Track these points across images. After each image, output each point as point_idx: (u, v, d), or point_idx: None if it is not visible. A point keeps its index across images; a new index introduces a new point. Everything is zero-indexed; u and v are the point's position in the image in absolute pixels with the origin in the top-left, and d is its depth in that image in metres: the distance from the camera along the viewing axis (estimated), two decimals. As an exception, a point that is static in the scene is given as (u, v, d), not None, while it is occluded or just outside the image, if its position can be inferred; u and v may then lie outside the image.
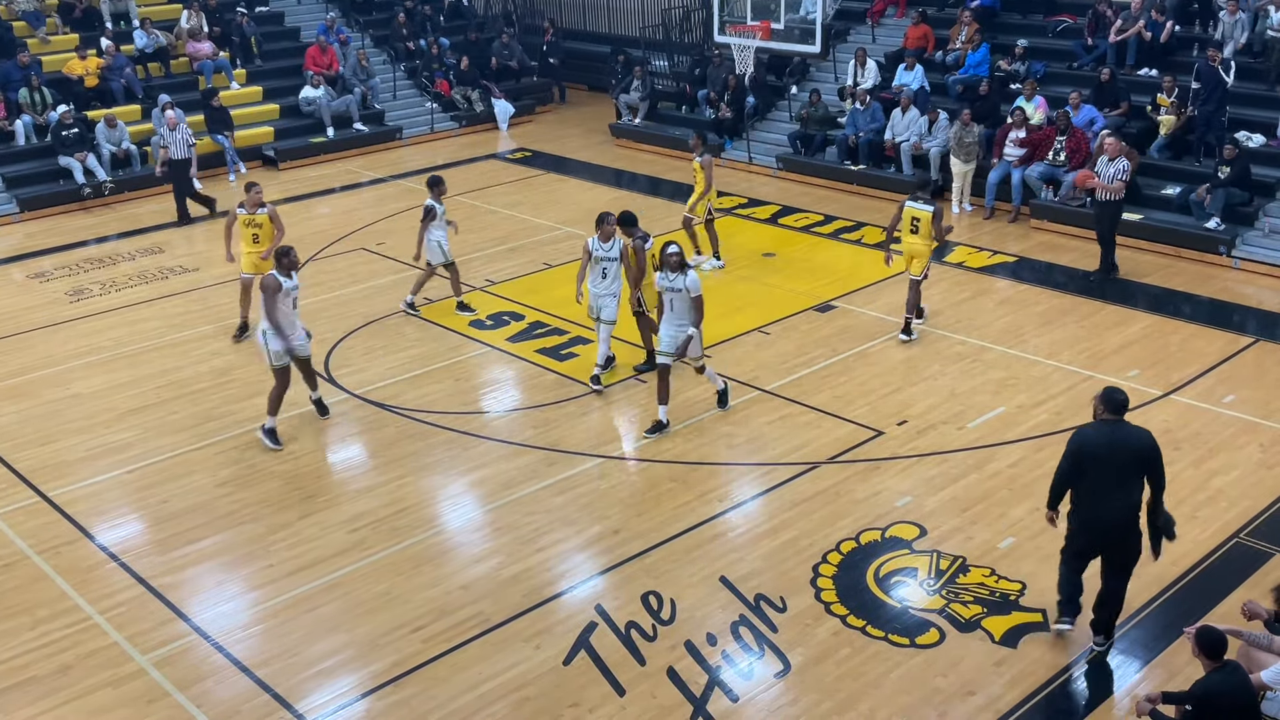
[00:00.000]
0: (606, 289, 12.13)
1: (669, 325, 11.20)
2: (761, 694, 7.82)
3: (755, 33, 19.64)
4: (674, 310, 11.13)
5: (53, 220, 18.59)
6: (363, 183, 20.52)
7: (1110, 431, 7.73)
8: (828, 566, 9.13)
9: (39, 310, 14.91)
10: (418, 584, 9.06)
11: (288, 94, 22.66)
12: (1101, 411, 7.80)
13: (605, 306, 12.18)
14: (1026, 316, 13.78)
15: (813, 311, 14.07)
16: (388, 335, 13.73)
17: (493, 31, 26.40)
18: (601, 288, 12.17)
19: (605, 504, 10.14)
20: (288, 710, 7.78)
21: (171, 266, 16.39)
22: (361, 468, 10.97)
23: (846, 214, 17.85)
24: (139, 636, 8.54)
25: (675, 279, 10.98)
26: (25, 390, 12.62)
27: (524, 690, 7.91)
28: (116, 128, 19.73)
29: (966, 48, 19.87)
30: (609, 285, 12.13)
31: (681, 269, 10.91)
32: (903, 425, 11.26)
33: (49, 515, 10.19)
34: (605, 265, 12.11)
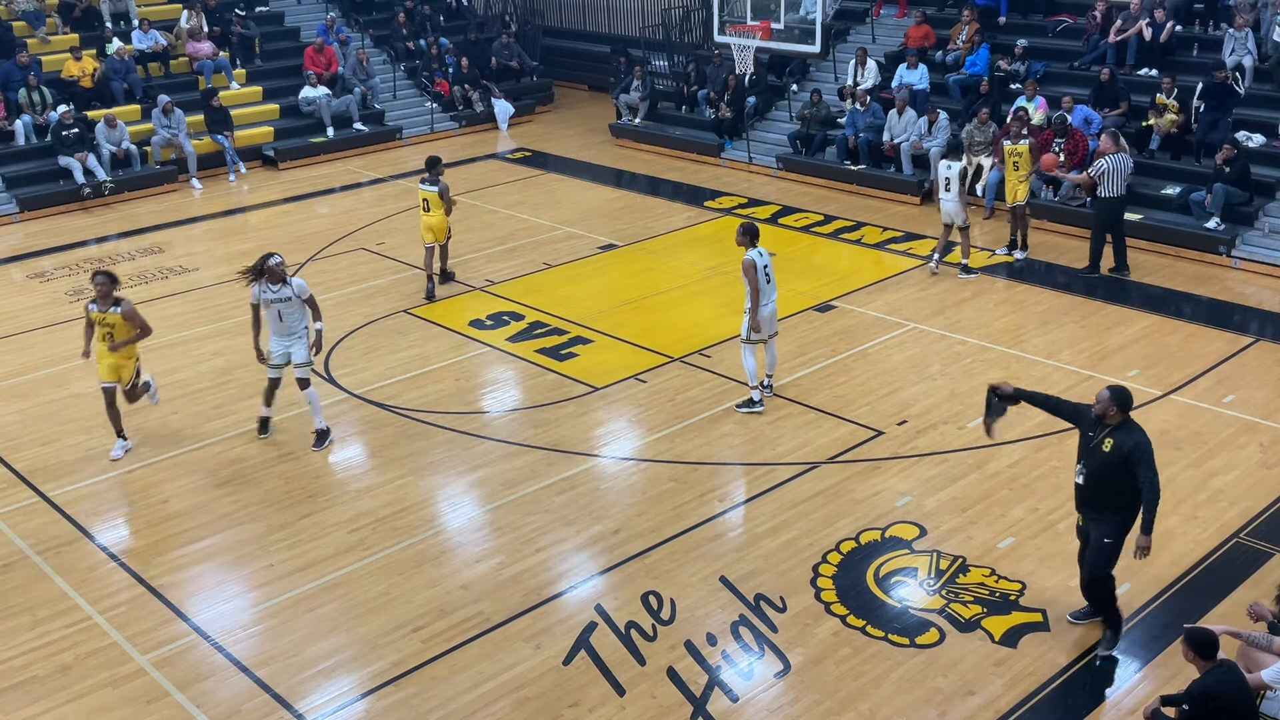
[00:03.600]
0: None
1: (279, 339, 10.89)
2: (761, 694, 7.82)
3: (755, 33, 19.63)
4: (283, 321, 10.79)
5: (52, 220, 18.59)
6: (363, 183, 20.52)
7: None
8: (828, 566, 9.13)
9: (39, 310, 14.91)
10: (418, 584, 9.06)
11: (288, 94, 22.65)
12: (1117, 414, 7.70)
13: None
14: (1026, 316, 13.78)
15: (812, 311, 14.07)
16: (388, 335, 13.73)
17: (492, 31, 26.40)
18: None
19: (605, 504, 10.14)
20: (287, 710, 7.78)
21: (171, 267, 16.39)
22: (361, 468, 10.97)
23: (846, 214, 17.85)
24: (139, 636, 8.54)
25: (280, 289, 10.71)
26: (25, 390, 12.62)
27: (524, 690, 7.91)
28: (116, 128, 19.72)
29: (966, 48, 19.87)
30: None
31: (285, 280, 10.69)
32: (903, 425, 11.26)
33: (49, 515, 10.19)
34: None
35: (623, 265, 16.00)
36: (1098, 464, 7.79)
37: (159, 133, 20.16)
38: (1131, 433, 7.70)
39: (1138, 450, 7.61)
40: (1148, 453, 7.63)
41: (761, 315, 11.22)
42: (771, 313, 11.33)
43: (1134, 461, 7.59)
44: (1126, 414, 7.73)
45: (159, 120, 20.16)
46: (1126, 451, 7.62)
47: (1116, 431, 7.71)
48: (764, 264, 11.15)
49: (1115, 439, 7.69)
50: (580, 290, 15.01)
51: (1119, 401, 7.70)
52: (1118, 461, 7.65)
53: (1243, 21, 17.43)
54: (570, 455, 10.96)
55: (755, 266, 11.08)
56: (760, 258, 11.14)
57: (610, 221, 17.73)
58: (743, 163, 20.67)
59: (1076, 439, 10.80)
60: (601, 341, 13.38)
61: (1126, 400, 7.74)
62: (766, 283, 11.18)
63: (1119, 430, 7.71)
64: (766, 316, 11.27)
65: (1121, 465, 7.64)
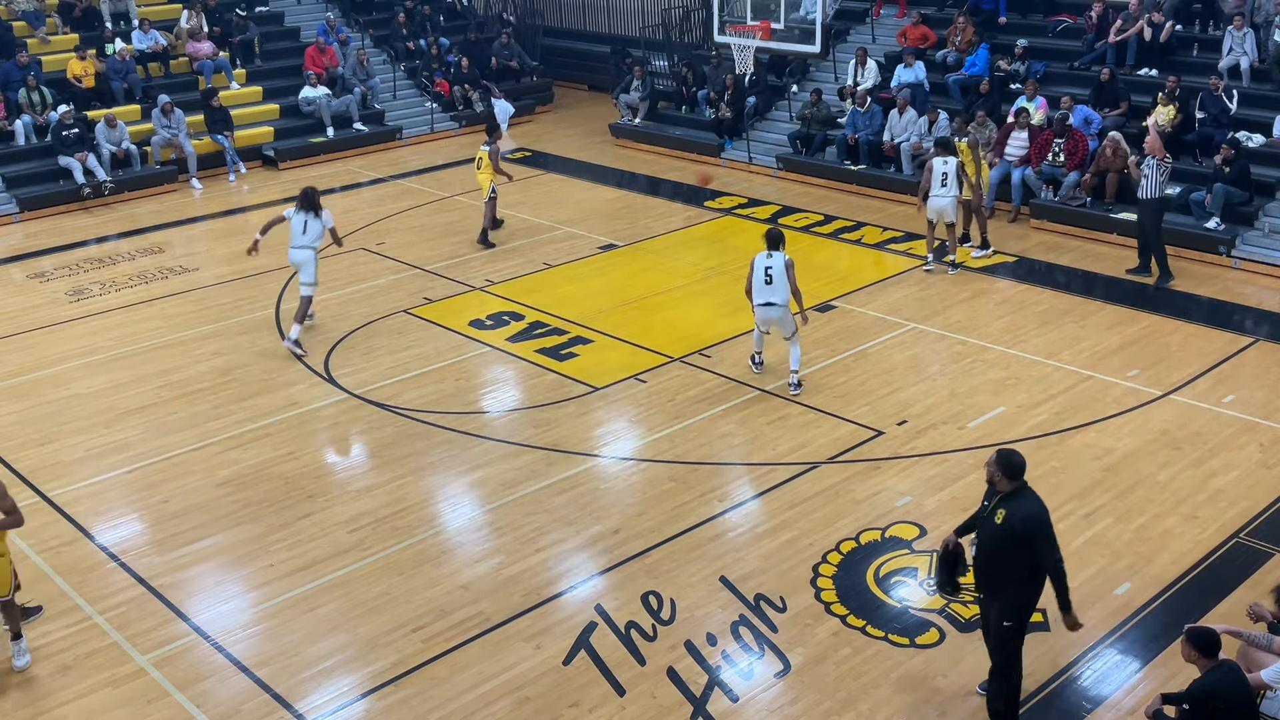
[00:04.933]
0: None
1: (295, 250, 12.64)
2: (761, 694, 7.82)
3: (755, 33, 19.63)
4: (305, 234, 12.82)
5: (52, 220, 18.59)
6: (362, 183, 20.52)
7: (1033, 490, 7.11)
8: (828, 566, 9.13)
9: (39, 310, 14.91)
10: (418, 584, 9.06)
11: (288, 94, 22.65)
12: (1004, 481, 7.02)
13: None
14: (1026, 316, 13.78)
15: (812, 311, 14.03)
16: (388, 335, 13.73)
17: (492, 31, 26.41)
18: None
19: (605, 504, 10.14)
20: (287, 710, 7.78)
21: (171, 266, 16.39)
22: (361, 468, 10.97)
23: (846, 214, 17.84)
24: (139, 636, 8.54)
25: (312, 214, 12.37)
26: (25, 390, 12.62)
27: (524, 690, 7.91)
28: (116, 128, 19.72)
29: (964, 48, 19.88)
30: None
31: (318, 209, 12.51)
32: (903, 425, 11.26)
33: (49, 515, 10.19)
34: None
35: (623, 265, 16.00)
36: (988, 536, 7.07)
37: (159, 133, 20.16)
38: (1025, 503, 6.94)
39: (1031, 525, 6.86)
40: (1044, 526, 6.89)
41: (756, 315, 11.87)
42: (765, 315, 11.78)
43: (1029, 539, 6.86)
44: (1016, 480, 6.98)
45: (159, 120, 20.16)
46: (1018, 525, 6.87)
47: (1008, 501, 6.98)
48: (765, 265, 11.62)
49: (1007, 509, 6.95)
50: (580, 290, 15.01)
51: (1004, 466, 6.99)
52: (1008, 534, 6.89)
53: (1241, 21, 17.44)
54: (570, 455, 10.96)
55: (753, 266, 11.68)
56: (765, 259, 11.67)
57: (610, 221, 17.73)
58: (743, 163, 20.67)
59: (1078, 438, 10.90)
60: (601, 341, 13.38)
61: (1013, 465, 6.98)
62: (765, 284, 11.58)
63: (1010, 499, 6.98)
64: (761, 318, 11.86)
65: (1014, 539, 6.88)
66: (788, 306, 11.70)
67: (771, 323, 11.86)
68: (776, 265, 11.61)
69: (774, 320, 11.80)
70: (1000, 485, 7.04)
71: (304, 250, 13.24)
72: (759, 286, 11.65)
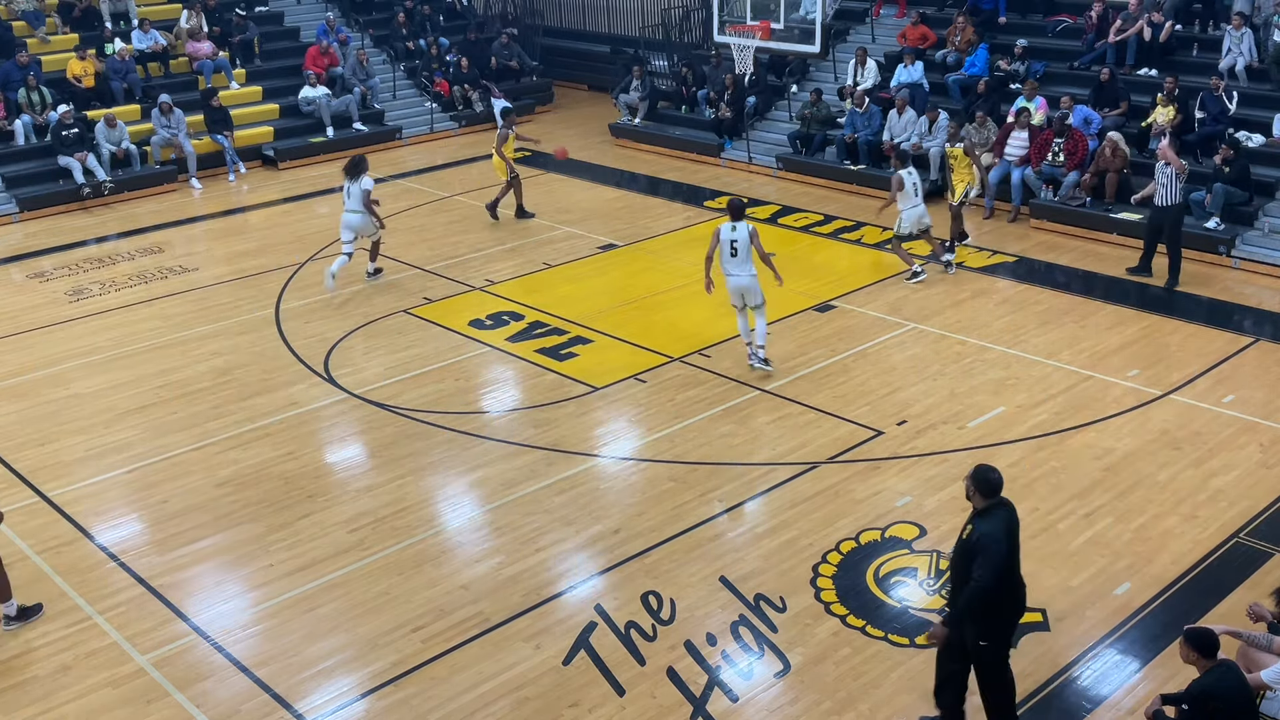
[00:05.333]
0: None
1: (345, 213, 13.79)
2: (761, 694, 7.82)
3: (755, 33, 19.63)
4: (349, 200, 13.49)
5: (52, 220, 18.59)
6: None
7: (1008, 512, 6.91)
8: (827, 566, 9.13)
9: (39, 310, 14.91)
10: (417, 584, 9.06)
11: (287, 94, 22.64)
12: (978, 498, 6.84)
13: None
14: (1026, 316, 13.78)
15: (812, 311, 14.07)
16: (387, 335, 13.73)
17: (492, 31, 26.41)
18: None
19: (605, 504, 10.14)
20: (287, 710, 7.77)
21: (171, 266, 16.38)
22: (361, 468, 10.97)
23: (846, 214, 17.84)
24: (138, 636, 8.54)
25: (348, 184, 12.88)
26: (25, 390, 12.62)
27: (524, 690, 7.90)
28: (116, 127, 19.72)
29: (963, 49, 19.88)
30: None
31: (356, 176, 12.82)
32: (902, 425, 11.26)
33: (49, 515, 10.18)
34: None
35: (622, 265, 16.00)
36: (958, 553, 6.93)
37: (159, 132, 20.16)
38: (988, 521, 6.78)
39: (982, 540, 6.70)
40: (991, 545, 6.69)
41: (727, 286, 12.14)
42: (736, 285, 12.04)
43: (978, 551, 6.71)
44: (991, 498, 6.80)
45: (158, 120, 20.16)
46: (976, 542, 6.73)
47: (979, 518, 6.84)
48: (730, 239, 11.86)
49: (975, 526, 6.83)
50: (580, 290, 15.01)
51: (979, 482, 6.81)
52: (974, 551, 6.74)
53: (1240, 21, 17.43)
54: (570, 455, 10.96)
55: (717, 237, 11.99)
56: (729, 232, 11.90)
57: (610, 221, 17.73)
58: (742, 163, 20.67)
59: (1078, 438, 10.90)
60: (601, 341, 13.38)
61: (985, 482, 6.80)
62: (731, 256, 11.87)
63: (981, 516, 6.82)
64: (732, 288, 12.11)
65: (976, 556, 6.72)
66: (756, 275, 11.93)
67: (743, 292, 12.06)
68: (741, 237, 11.84)
69: (745, 289, 12.02)
70: (975, 501, 6.88)
71: (352, 214, 14.96)
72: (726, 259, 11.93)
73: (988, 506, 6.84)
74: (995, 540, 6.71)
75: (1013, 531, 6.89)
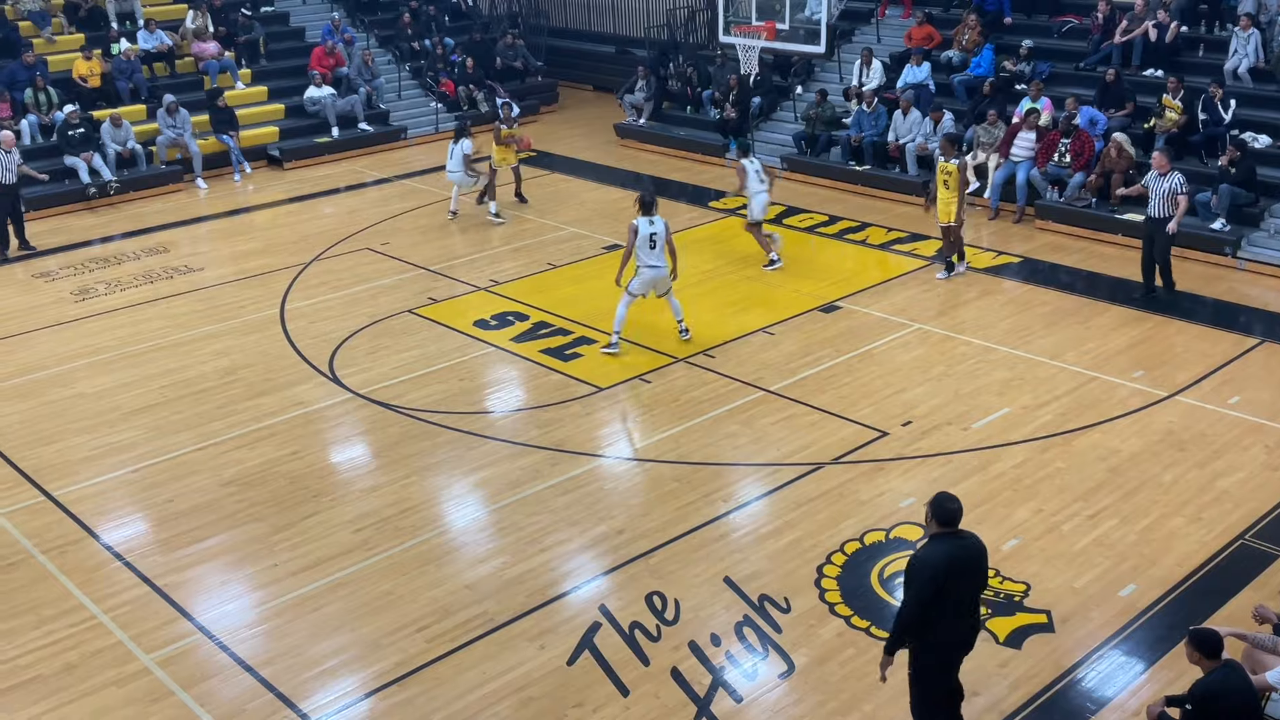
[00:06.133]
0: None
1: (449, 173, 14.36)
2: (765, 694, 7.82)
3: (760, 33, 19.63)
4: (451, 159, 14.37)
5: (58, 220, 18.61)
6: (367, 183, 20.53)
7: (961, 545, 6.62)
8: (832, 567, 9.13)
9: (44, 310, 14.93)
10: (422, 584, 9.06)
11: (293, 94, 22.67)
12: (935, 526, 6.61)
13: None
14: (1031, 317, 13.76)
15: (817, 312, 14.06)
16: (392, 335, 13.74)
17: (497, 32, 26.42)
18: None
19: (609, 504, 10.13)
20: (291, 710, 7.78)
21: (176, 266, 16.40)
22: (366, 467, 10.98)
23: (851, 214, 17.83)
24: (143, 636, 8.54)
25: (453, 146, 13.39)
26: (30, 389, 12.64)
27: (528, 690, 7.90)
28: (122, 127, 19.75)
29: (970, 49, 19.87)
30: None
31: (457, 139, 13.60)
32: (907, 426, 11.25)
33: (53, 514, 10.20)
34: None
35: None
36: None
37: (164, 132, 20.19)
38: (931, 546, 6.59)
39: (911, 564, 6.55)
40: (915, 570, 6.50)
41: (642, 278, 12.81)
42: (654, 276, 12.78)
43: (907, 574, 6.58)
44: (945, 526, 6.58)
45: (164, 120, 20.19)
46: (908, 563, 6.60)
47: (926, 542, 6.71)
48: (650, 232, 12.61)
49: (916, 549, 6.85)
50: (585, 290, 15.00)
51: (934, 510, 6.61)
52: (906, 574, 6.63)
53: (1248, 22, 17.40)
54: (574, 455, 10.96)
55: (636, 232, 12.63)
56: (648, 226, 12.61)
57: (615, 221, 17.71)
58: (747, 163, 20.64)
59: (1083, 439, 10.88)
60: (605, 342, 13.37)
61: (941, 509, 6.59)
62: (651, 249, 12.62)
63: (929, 541, 6.67)
64: (648, 279, 12.80)
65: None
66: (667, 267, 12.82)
67: (657, 284, 12.87)
68: (660, 230, 12.66)
69: (659, 281, 12.85)
70: (929, 527, 6.64)
71: (453, 173, 17.64)
72: (645, 251, 12.63)
73: (939, 534, 6.60)
74: (924, 566, 6.47)
75: (959, 565, 6.53)
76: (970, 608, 6.79)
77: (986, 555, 6.77)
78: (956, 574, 6.54)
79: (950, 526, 6.61)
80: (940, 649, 6.77)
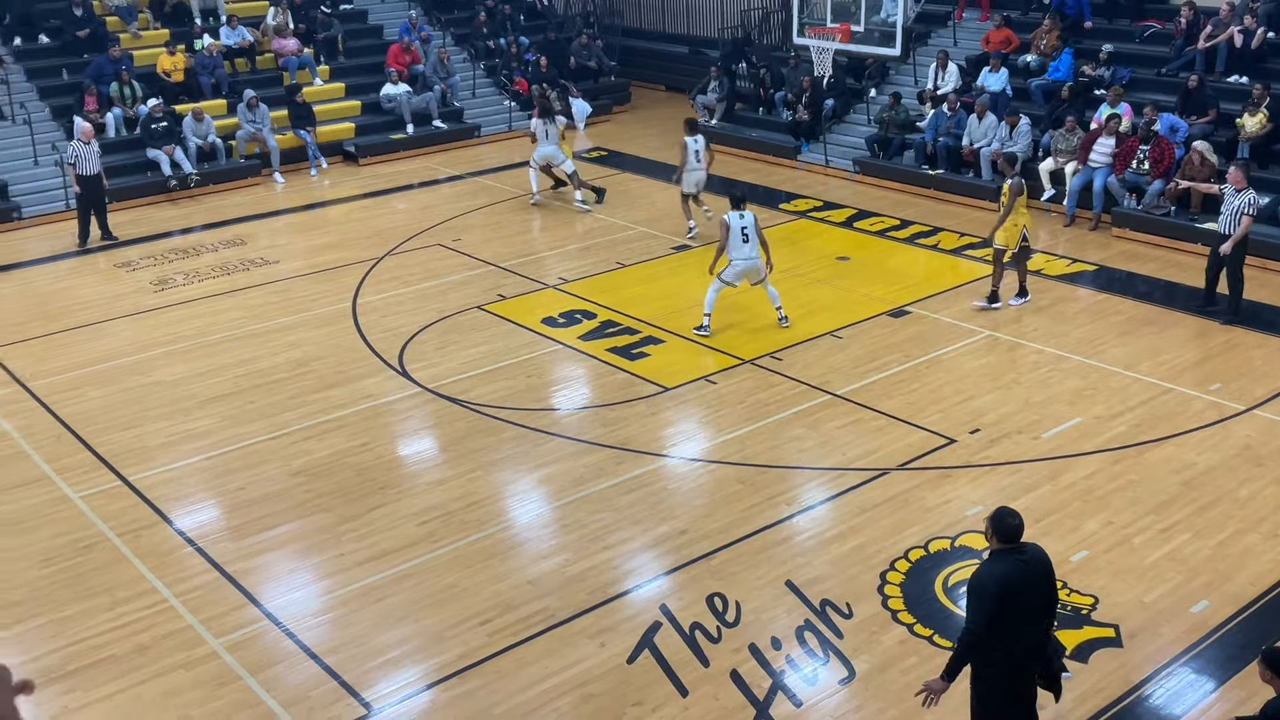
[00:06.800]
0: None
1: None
2: (825, 700, 7.77)
3: (835, 35, 19.52)
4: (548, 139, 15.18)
5: (139, 211, 19.06)
6: (440, 179, 20.74)
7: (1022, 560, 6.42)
8: (895, 574, 9.05)
9: (125, 299, 15.29)
10: (485, 578, 9.14)
11: (369, 91, 22.98)
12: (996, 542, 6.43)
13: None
14: (1106, 326, 13.52)
15: (886, 316, 13.95)
16: (461, 331, 13.87)
17: (571, 31, 26.55)
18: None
19: (672, 504, 10.14)
20: (354, 698, 7.89)
21: (253, 258, 16.71)
22: (432, 461, 11.10)
23: (923, 219, 17.66)
24: (213, 620, 8.72)
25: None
26: (110, 376, 12.95)
27: (588, 687, 7.94)
28: (203, 121, 20.17)
29: (1048, 53, 19.57)
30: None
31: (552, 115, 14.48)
32: (975, 433, 11.11)
33: (129, 499, 10.44)
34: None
35: (696, 266, 15.95)
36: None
37: (244, 127, 20.58)
38: (991, 564, 6.41)
39: (971, 583, 6.37)
40: (976, 588, 6.32)
41: (735, 269, 13.25)
42: (749, 267, 13.25)
43: (969, 593, 6.39)
44: (1007, 542, 6.39)
45: (244, 115, 20.58)
46: (969, 581, 6.42)
47: (987, 559, 6.52)
48: (741, 225, 13.09)
49: (978, 567, 6.54)
50: (653, 290, 15.03)
51: (995, 526, 6.42)
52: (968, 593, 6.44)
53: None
54: (639, 454, 10.98)
55: (728, 226, 13.09)
56: (739, 219, 13.10)
57: (684, 222, 17.72)
58: (819, 165, 20.55)
59: (1156, 451, 10.67)
60: (673, 342, 13.39)
61: (1001, 525, 6.40)
62: (743, 241, 13.10)
63: (990, 558, 6.48)
64: (742, 270, 13.26)
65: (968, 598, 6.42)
66: (760, 258, 13.27)
67: (751, 274, 13.29)
68: (750, 222, 13.16)
69: (754, 270, 13.27)
70: (990, 543, 6.46)
71: (548, 146, 18.13)
72: (737, 244, 13.09)
73: (1000, 551, 6.43)
74: (985, 586, 6.29)
75: (1021, 581, 6.36)
76: (1036, 621, 6.63)
77: (1051, 567, 6.66)
78: (1019, 590, 6.41)
79: (1011, 543, 6.46)
80: (1004, 664, 6.65)
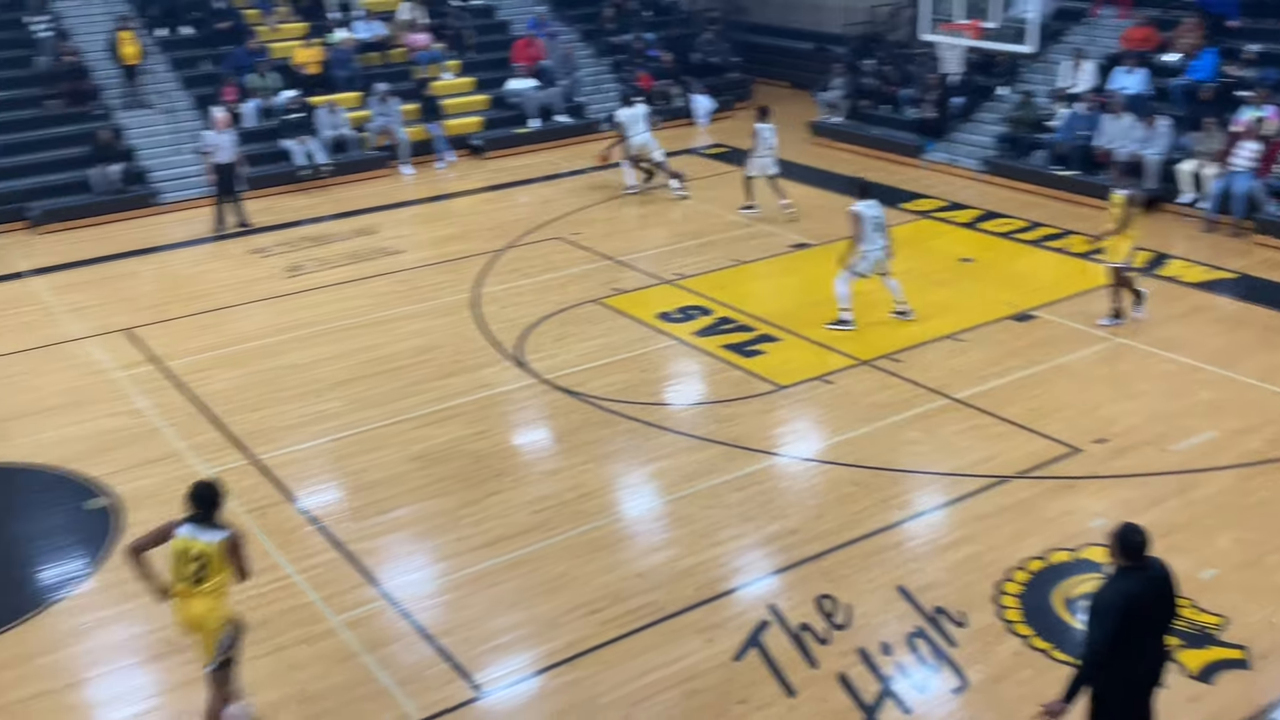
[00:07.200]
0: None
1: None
2: (936, 708, 7.64)
3: (965, 31, 19.13)
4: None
5: (273, 199, 19.68)
6: (562, 173, 20.95)
7: (1147, 578, 6.22)
8: (1013, 585, 8.84)
9: (258, 284, 15.81)
10: (595, 568, 9.21)
11: (496, 85, 23.33)
12: (1120, 559, 6.22)
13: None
14: (1244, 337, 12.99)
15: (1010, 321, 13.63)
16: (579, 323, 14.00)
17: (696, 28, 26.54)
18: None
19: (784, 503, 10.08)
20: (465, 680, 8.03)
21: (381, 248, 17.11)
22: (547, 451, 11.23)
23: (1052, 220, 17.20)
24: (333, 598, 8.96)
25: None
26: (243, 358, 13.40)
27: (693, 682, 7.95)
28: (336, 113, 20.72)
29: (1190, 52, 18.86)
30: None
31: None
32: (1101, 443, 10.78)
33: (257, 477, 10.80)
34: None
35: (814, 265, 15.82)
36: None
37: (375, 119, 21.08)
38: (1114, 582, 6.21)
39: (1094, 603, 6.19)
40: (1100, 605, 6.15)
41: (869, 259, 13.23)
42: (884, 257, 13.30)
43: (1090, 613, 6.20)
44: (1130, 559, 6.18)
45: (376, 107, 21.08)
46: (1091, 600, 6.25)
47: (1111, 578, 6.31)
48: (874, 214, 13.08)
49: (1102, 586, 6.35)
50: (770, 288, 14.95)
51: (1118, 543, 6.21)
52: (1089, 612, 6.25)
53: None
54: (751, 452, 10.94)
55: (861, 217, 13.00)
56: (872, 209, 13.07)
57: (804, 220, 17.59)
58: (943, 164, 20.17)
59: (1293, 469, 10.22)
60: (788, 340, 13.30)
61: (1124, 542, 6.19)
62: (876, 231, 13.08)
63: (1114, 577, 6.27)
64: (877, 259, 13.26)
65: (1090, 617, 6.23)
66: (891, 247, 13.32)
67: (885, 264, 13.29)
68: (881, 212, 13.19)
69: (883, 261, 13.25)
70: (1114, 560, 6.25)
71: (640, 135, 18.89)
72: (871, 235, 13.03)
73: (1124, 569, 6.21)
74: (1110, 603, 6.11)
75: (1146, 599, 6.18)
76: (1158, 637, 6.44)
77: (1173, 583, 6.42)
78: (1143, 608, 6.21)
79: (1136, 560, 6.25)
80: (1123, 684, 6.45)
